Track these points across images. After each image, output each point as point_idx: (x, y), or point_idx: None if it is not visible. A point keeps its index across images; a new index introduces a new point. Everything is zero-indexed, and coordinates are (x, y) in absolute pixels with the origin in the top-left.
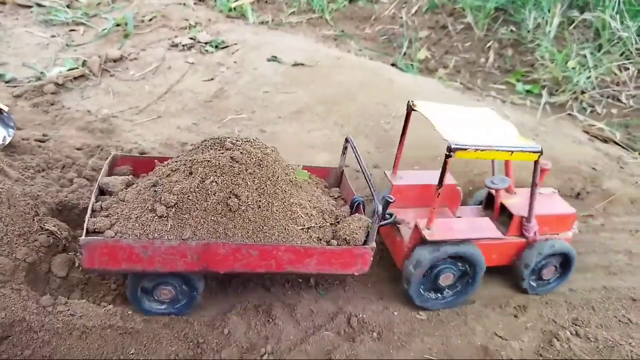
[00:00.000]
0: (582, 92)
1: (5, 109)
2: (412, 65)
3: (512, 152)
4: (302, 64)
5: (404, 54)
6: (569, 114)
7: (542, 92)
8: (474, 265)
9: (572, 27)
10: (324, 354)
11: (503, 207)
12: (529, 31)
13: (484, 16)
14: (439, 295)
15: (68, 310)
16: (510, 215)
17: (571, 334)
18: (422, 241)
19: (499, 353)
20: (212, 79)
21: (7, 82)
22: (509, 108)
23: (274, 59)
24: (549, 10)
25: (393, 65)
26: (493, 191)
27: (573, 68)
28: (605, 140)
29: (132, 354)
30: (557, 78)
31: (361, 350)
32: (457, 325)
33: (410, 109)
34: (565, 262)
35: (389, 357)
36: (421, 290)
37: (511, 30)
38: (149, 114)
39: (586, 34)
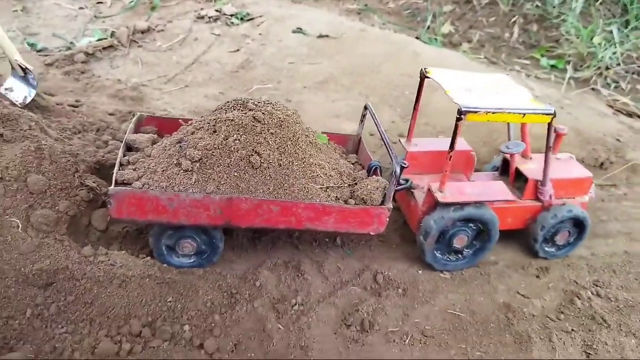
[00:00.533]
0: (607, 68)
1: (30, 68)
2: (435, 39)
3: (524, 114)
4: (327, 36)
5: (428, 28)
6: (593, 89)
7: (567, 67)
8: (486, 224)
9: (598, 2)
10: (351, 307)
11: (518, 172)
12: (554, 6)
13: None
14: (459, 255)
15: (108, 260)
16: (525, 180)
17: (592, 294)
18: (436, 204)
19: (521, 310)
20: (237, 50)
21: (38, 51)
22: (533, 82)
23: (299, 30)
24: None
25: (417, 39)
26: (508, 156)
27: (599, 44)
28: (629, 115)
29: (170, 301)
30: (582, 54)
31: (387, 304)
32: (480, 284)
33: (423, 76)
34: (579, 228)
35: (414, 311)
36: (438, 255)
37: (536, 6)
38: (176, 83)
39: (613, 10)
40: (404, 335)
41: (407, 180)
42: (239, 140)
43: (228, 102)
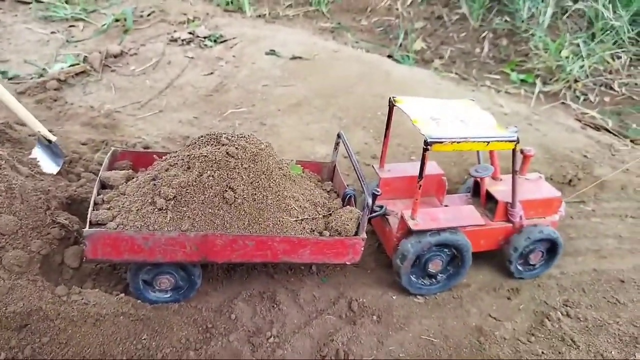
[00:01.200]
0: (575, 81)
1: (53, 139)
2: (408, 56)
3: (489, 142)
4: (300, 57)
5: (400, 45)
6: (562, 103)
7: (536, 81)
8: (460, 249)
9: (565, 16)
10: (326, 337)
11: (489, 194)
12: (523, 21)
13: (479, 6)
14: (433, 280)
15: (82, 299)
16: (496, 202)
17: (562, 314)
18: (409, 231)
19: (492, 333)
20: (211, 73)
21: (10, 79)
22: (503, 97)
23: (272, 52)
24: (542, 0)
25: (389, 56)
26: (479, 179)
27: (567, 57)
28: (597, 128)
29: (145, 339)
30: (550, 67)
31: (362, 332)
32: (453, 307)
33: (392, 105)
34: (551, 248)
35: (388, 339)
36: (413, 279)
37: (505, 20)
38: (150, 108)
39: (579, 24)
40: None
41: (381, 207)
42: (212, 176)
43: (201, 136)
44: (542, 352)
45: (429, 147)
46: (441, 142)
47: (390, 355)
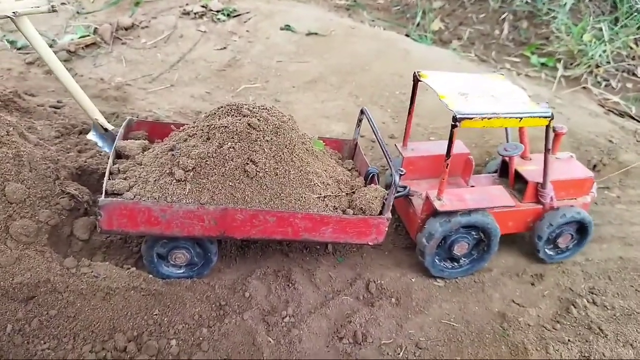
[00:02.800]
0: (597, 66)
1: (110, 128)
2: (425, 36)
3: (521, 118)
4: (315, 34)
5: (418, 24)
6: (584, 88)
7: (557, 65)
8: (488, 233)
9: None
10: (343, 318)
11: (518, 174)
12: (544, 3)
13: None
14: (455, 264)
15: (92, 272)
16: (525, 182)
17: (588, 302)
18: (434, 212)
19: (516, 319)
20: (224, 48)
21: (18, 49)
22: (524, 80)
23: (287, 27)
24: None
25: (407, 36)
26: (507, 159)
27: (589, 41)
28: (621, 114)
29: (156, 314)
30: (572, 51)
31: (380, 314)
32: (475, 292)
33: (416, 80)
34: (581, 232)
35: (407, 322)
36: (436, 261)
37: (526, 2)
38: (162, 82)
39: (602, 7)
40: (397, 347)
41: (404, 187)
42: (233, 148)
43: (221, 107)
44: (569, 340)
45: (457, 123)
46: (471, 118)
47: (410, 339)
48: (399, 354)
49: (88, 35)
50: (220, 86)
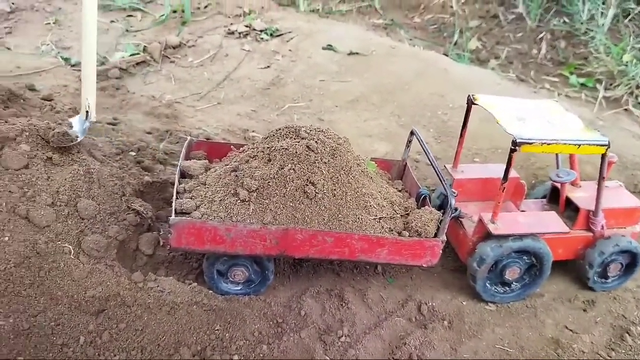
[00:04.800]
0: (638, 87)
1: (92, 119)
2: (463, 55)
3: (579, 145)
4: (357, 53)
5: (455, 43)
6: (625, 109)
7: (597, 86)
8: (541, 258)
9: (627, 19)
10: (398, 340)
11: (569, 201)
12: (582, 23)
13: (537, 6)
14: (507, 288)
15: (157, 286)
16: (576, 209)
17: None
18: (487, 235)
19: (570, 345)
20: (268, 67)
21: (72, 65)
22: (564, 101)
23: (329, 47)
24: (603, 2)
25: (444, 55)
26: (558, 185)
27: (629, 61)
28: None
29: (217, 329)
30: (612, 72)
31: (434, 337)
32: (527, 317)
33: (471, 102)
34: (632, 260)
35: (462, 346)
36: (488, 285)
37: (564, 22)
38: (209, 100)
39: None
40: None
41: (455, 209)
42: (293, 169)
43: (279, 129)
44: None
45: (517, 147)
46: (530, 143)
47: None
48: None
49: (138, 53)
50: (265, 104)
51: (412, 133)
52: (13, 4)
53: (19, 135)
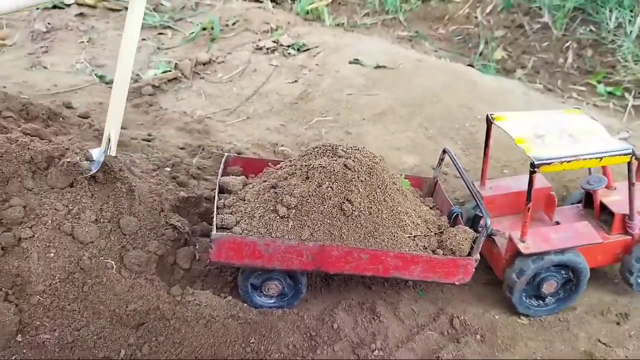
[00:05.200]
0: None
1: (112, 153)
2: (489, 65)
3: (601, 158)
4: (384, 67)
5: (480, 54)
6: None
7: (626, 95)
8: (578, 273)
9: None
10: (431, 353)
11: (603, 206)
12: (609, 31)
13: (562, 15)
14: (541, 302)
15: (195, 300)
16: (611, 214)
17: None
18: (517, 254)
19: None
20: (295, 81)
21: (107, 83)
22: (592, 110)
23: (356, 61)
24: (631, 10)
25: (470, 65)
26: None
27: None
28: None
29: (253, 342)
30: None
31: (467, 351)
32: (560, 331)
33: (490, 122)
34: None
35: (495, 359)
36: (523, 298)
37: (590, 30)
38: (238, 115)
39: None
40: None
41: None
42: (331, 187)
43: (316, 147)
44: None
45: (536, 169)
46: (549, 164)
47: None
48: None
49: (170, 71)
50: (294, 119)
51: (444, 152)
52: (49, 24)
53: (63, 154)
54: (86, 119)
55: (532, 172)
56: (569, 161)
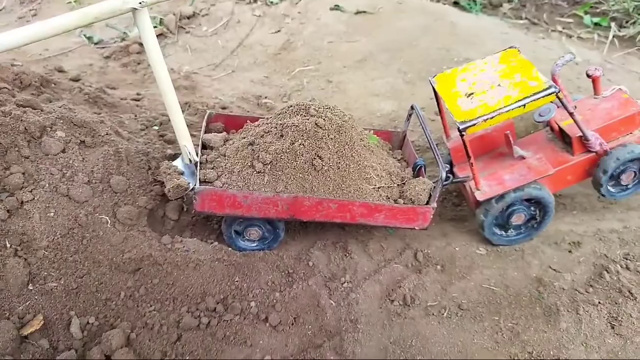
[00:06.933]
0: None
1: (195, 159)
2: (474, 1)
3: (524, 105)
4: (364, 12)
5: None
6: (639, 49)
7: (611, 25)
8: (543, 204)
9: None
10: (394, 283)
11: (563, 130)
12: None
13: None
14: (503, 232)
15: (183, 246)
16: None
17: (621, 267)
18: (478, 202)
19: (552, 284)
20: (278, 31)
21: (95, 43)
22: (575, 44)
23: (336, 7)
24: None
25: (455, 3)
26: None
27: None
28: None
29: (237, 281)
30: (627, 9)
31: (427, 280)
32: (515, 259)
33: (433, 86)
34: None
35: (451, 286)
36: (493, 228)
37: None
38: (224, 68)
39: None
40: (442, 308)
41: (448, 177)
42: (303, 145)
43: (291, 106)
44: (599, 302)
45: (464, 132)
46: (474, 124)
47: (453, 301)
48: (443, 314)
49: (155, 27)
50: (277, 70)
51: (412, 108)
52: None
53: (54, 123)
54: (77, 82)
55: (462, 135)
56: (492, 117)
